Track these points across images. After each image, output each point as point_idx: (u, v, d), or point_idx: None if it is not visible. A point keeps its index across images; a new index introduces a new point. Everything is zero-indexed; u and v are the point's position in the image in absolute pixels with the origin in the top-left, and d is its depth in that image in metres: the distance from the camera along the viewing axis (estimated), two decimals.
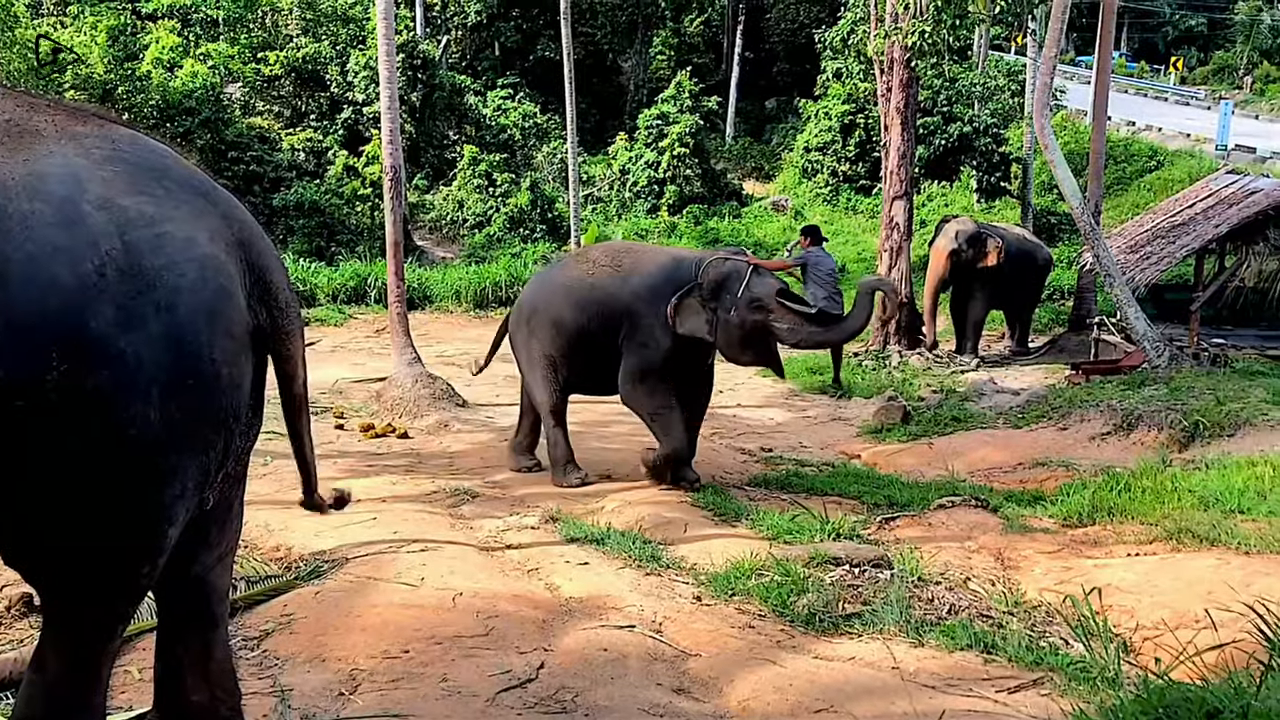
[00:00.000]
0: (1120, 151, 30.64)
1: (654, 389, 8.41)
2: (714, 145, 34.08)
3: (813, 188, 30.69)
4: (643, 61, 38.84)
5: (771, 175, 34.50)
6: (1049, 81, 14.75)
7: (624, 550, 6.38)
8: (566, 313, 8.65)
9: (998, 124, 28.60)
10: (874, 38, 16.41)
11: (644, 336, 8.37)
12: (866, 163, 29.23)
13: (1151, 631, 5.22)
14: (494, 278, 18.81)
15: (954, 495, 8.23)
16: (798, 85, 36.87)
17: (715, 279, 8.22)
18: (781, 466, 10.00)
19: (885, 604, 5.40)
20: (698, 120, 30.01)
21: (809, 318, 8.30)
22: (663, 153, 29.32)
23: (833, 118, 30.27)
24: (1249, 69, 44.85)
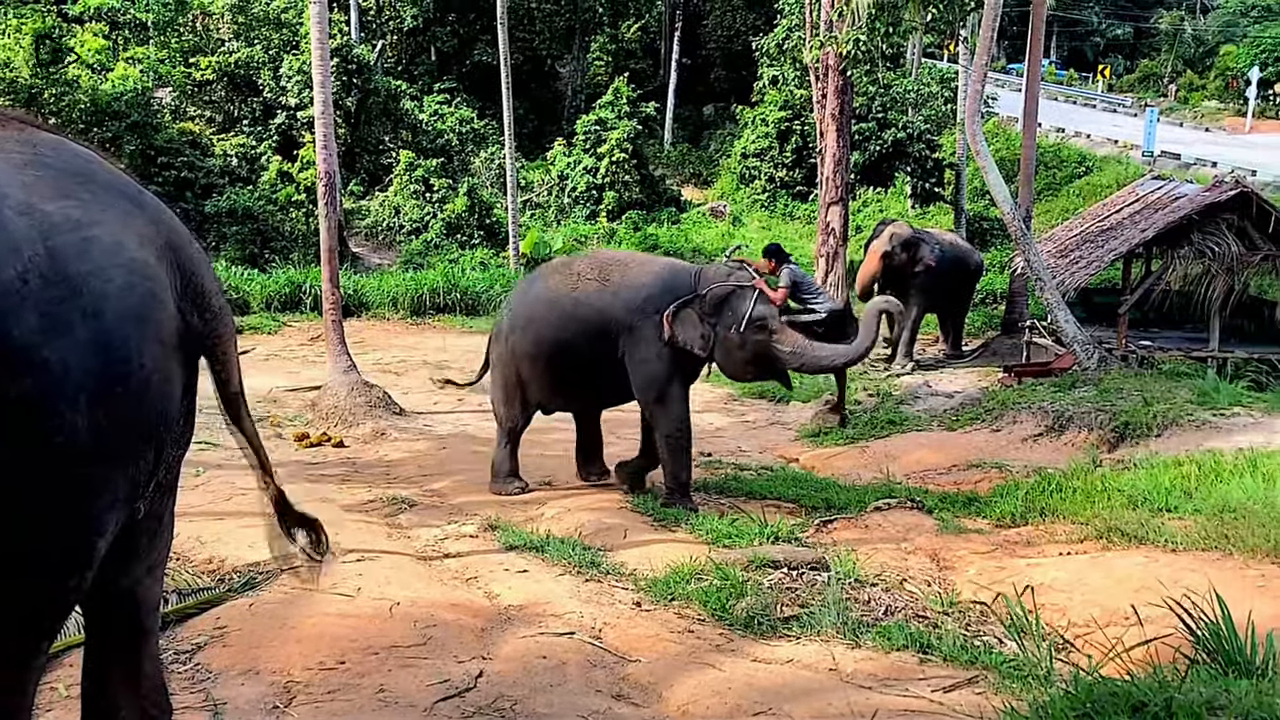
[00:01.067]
0: (1050, 157, 31.23)
1: (671, 407, 8.13)
2: (652, 151, 34.17)
3: (750, 194, 30.89)
4: (580, 67, 38.84)
5: (709, 181, 34.66)
6: (980, 89, 15.00)
7: (563, 557, 6.37)
8: (547, 329, 8.29)
9: (931, 130, 29.02)
10: (809, 45, 16.57)
11: (645, 351, 8.06)
12: (803, 169, 29.50)
13: (1083, 629, 5.32)
14: (431, 284, 18.66)
15: (890, 497, 8.33)
16: (735, 92, 37.10)
17: (719, 296, 7.98)
18: (721, 471, 10.04)
19: (823, 606, 5.45)
20: (636, 126, 30.06)
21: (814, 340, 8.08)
22: (601, 158, 29.33)
23: (769, 124, 30.51)
24: (1173, 77, 45.99)
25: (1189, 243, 14.77)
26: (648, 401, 8.18)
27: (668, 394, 8.08)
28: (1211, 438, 9.47)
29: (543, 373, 8.41)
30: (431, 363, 14.75)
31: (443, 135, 30.68)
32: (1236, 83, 40.79)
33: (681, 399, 8.17)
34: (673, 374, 8.06)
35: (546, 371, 8.39)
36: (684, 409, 8.18)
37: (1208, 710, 3.16)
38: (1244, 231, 14.59)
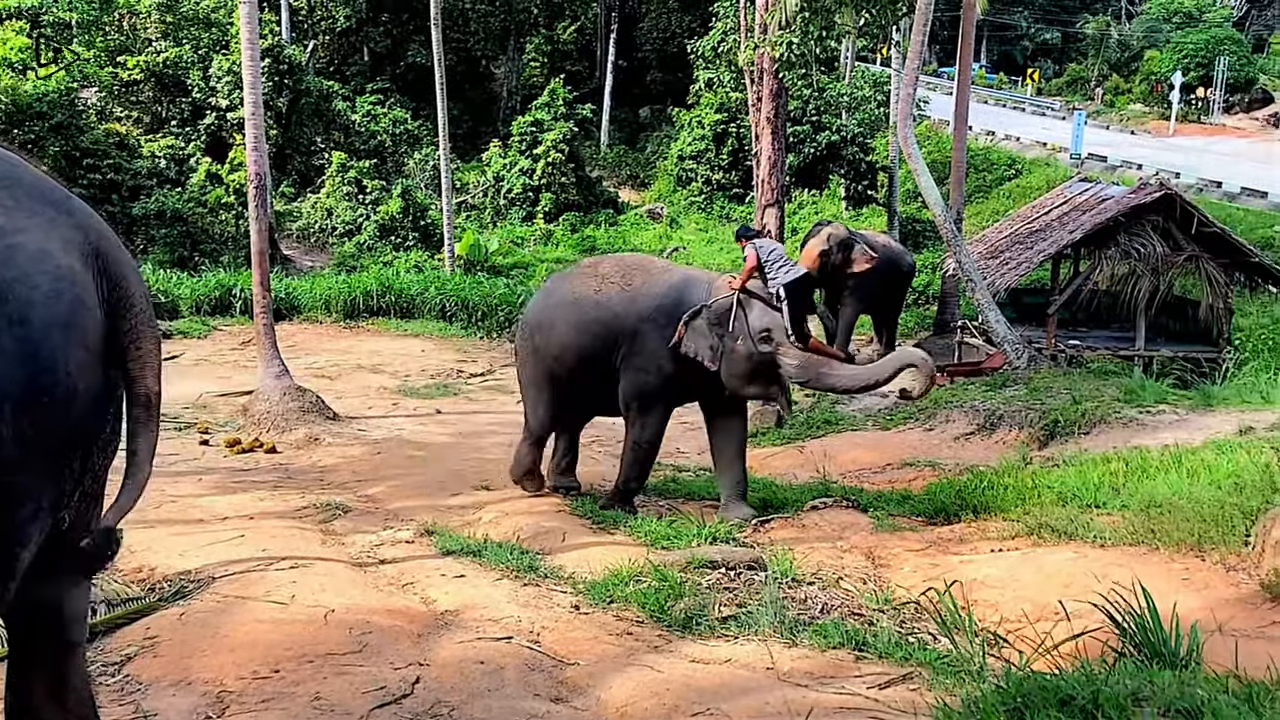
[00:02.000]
0: (981, 160, 31.73)
1: (647, 420, 8.03)
2: (589, 153, 34.17)
3: (687, 195, 31.01)
4: (516, 68, 38.71)
5: (647, 183, 34.74)
6: (912, 92, 15.20)
7: (501, 561, 6.34)
8: (570, 331, 8.13)
9: (865, 133, 29.35)
10: (744, 48, 16.65)
11: (644, 361, 7.91)
12: (739, 171, 29.67)
13: (1015, 624, 5.40)
14: (364, 287, 18.46)
15: (826, 496, 8.40)
16: (671, 94, 37.22)
17: (725, 306, 7.78)
18: (660, 473, 10.03)
19: (760, 606, 5.48)
20: (572, 128, 30.05)
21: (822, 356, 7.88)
22: (537, 160, 29.27)
23: (706, 126, 30.65)
24: (1100, 81, 46.93)
25: (1115, 244, 15.09)
26: (629, 406, 8.06)
27: (652, 407, 8.01)
28: (1138, 435, 9.68)
29: (567, 376, 8.22)
30: (365, 366, 14.62)
31: (376, 136, 30.44)
32: (1160, 87, 41.73)
33: (662, 417, 8.11)
34: (664, 390, 7.96)
35: (570, 375, 8.21)
36: (661, 426, 8.12)
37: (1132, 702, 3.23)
38: (1168, 232, 14.94)
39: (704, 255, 26.23)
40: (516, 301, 17.83)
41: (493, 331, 17.35)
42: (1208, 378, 14.02)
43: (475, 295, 18.09)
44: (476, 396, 13.58)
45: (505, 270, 24.30)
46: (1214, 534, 5.91)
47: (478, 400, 13.38)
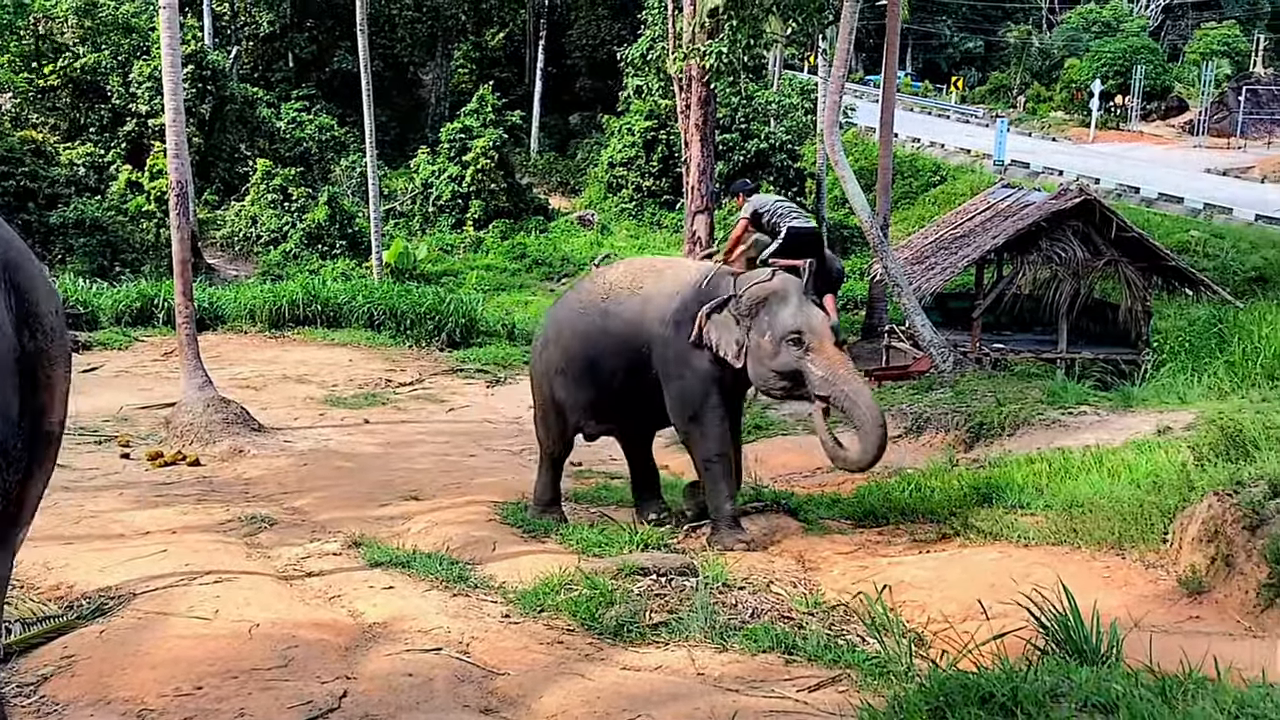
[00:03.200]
0: (907, 167, 32.20)
1: (708, 428, 7.32)
2: (519, 159, 34.08)
3: (618, 202, 31.06)
4: (444, 74, 38.49)
5: (577, 190, 34.73)
6: (838, 100, 15.37)
7: (430, 572, 6.27)
8: (575, 342, 7.68)
9: (793, 141, 29.63)
10: (673, 56, 16.71)
11: (677, 366, 7.30)
12: (670, 177, 29.77)
13: (941, 624, 5.47)
14: (290, 296, 18.17)
15: (757, 501, 8.42)
16: (601, 101, 37.28)
17: (757, 297, 7.13)
18: (592, 480, 10.04)
19: (691, 611, 5.49)
20: (502, 134, 29.95)
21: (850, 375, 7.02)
22: (467, 167, 29.12)
23: (636, 133, 30.72)
24: (1022, 89, 47.89)
25: (1037, 248, 15.40)
26: (681, 422, 7.45)
27: (704, 414, 7.30)
28: (1060, 436, 9.87)
29: (575, 391, 7.75)
30: (291, 377, 14.40)
31: (302, 143, 30.08)
32: (1080, 94, 42.69)
33: (720, 419, 7.33)
34: (709, 390, 7.29)
35: (579, 389, 7.73)
36: (723, 429, 7.36)
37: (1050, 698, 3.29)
38: (1088, 237, 15.27)
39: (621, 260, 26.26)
40: (446, 309, 17.69)
41: (421, 340, 17.18)
42: (1127, 379, 14.34)
43: (404, 304, 17.91)
44: (405, 406, 13.45)
45: (434, 278, 24.11)
46: (1133, 532, 6.04)
47: (406, 410, 13.25)
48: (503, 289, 25.17)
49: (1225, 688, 3.51)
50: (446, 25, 37.72)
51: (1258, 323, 12.47)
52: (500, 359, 16.49)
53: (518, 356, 16.73)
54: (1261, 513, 5.35)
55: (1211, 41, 45.60)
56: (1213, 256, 22.19)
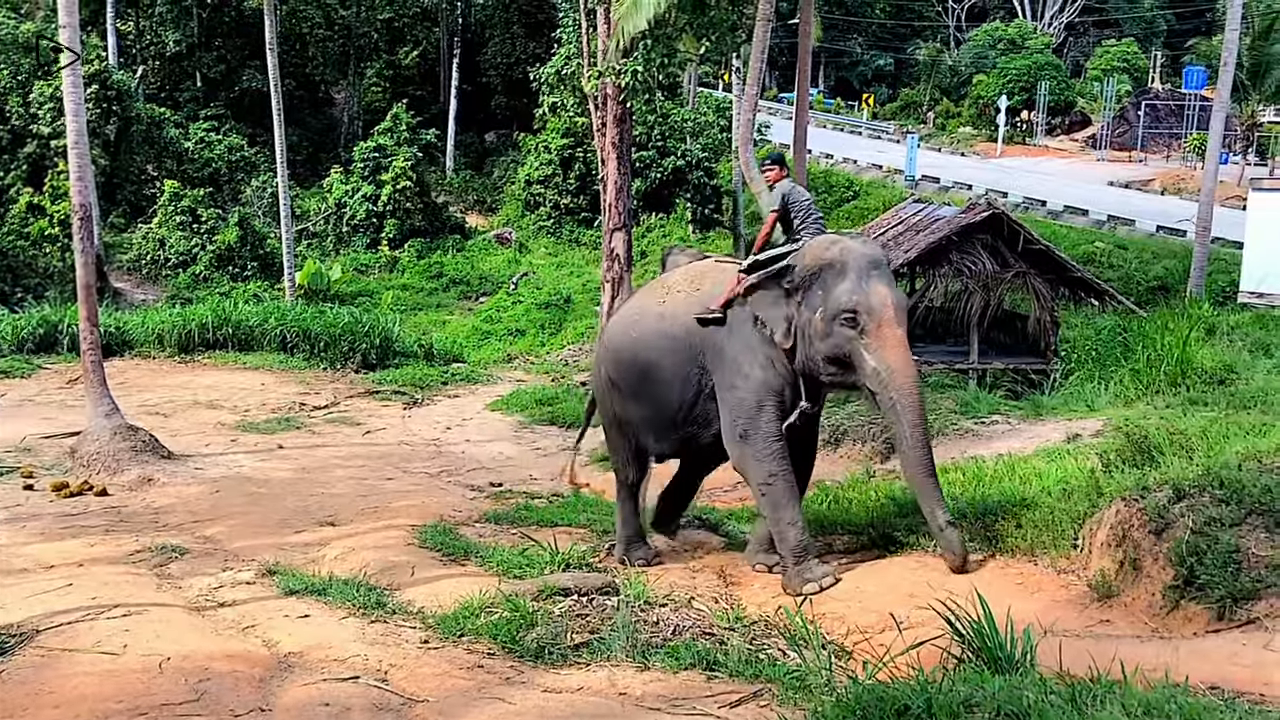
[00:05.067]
0: (821, 182, 32.58)
1: (761, 448, 6.46)
2: (434, 178, 33.88)
3: (536, 220, 31.01)
4: (356, 93, 38.15)
5: (494, 208, 34.62)
6: (751, 117, 15.54)
7: (347, 599, 6.16)
8: (631, 349, 7.03)
9: (709, 158, 29.85)
10: (588, 74, 16.73)
11: (728, 374, 6.57)
12: (587, 195, 29.80)
13: (861, 636, 5.51)
14: (200, 319, 17.75)
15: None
16: (517, 118, 37.24)
17: (810, 269, 6.29)
18: (512, 501, 9.96)
19: (613, 631, 5.46)
20: (417, 153, 29.76)
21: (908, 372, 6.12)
22: (382, 186, 28.86)
23: (552, 151, 30.72)
24: (931, 105, 48.87)
25: (948, 261, 15.66)
26: (731, 440, 6.63)
27: (755, 429, 6.48)
28: (974, 445, 10.04)
29: (633, 406, 7.11)
30: (202, 402, 14.08)
31: (211, 163, 29.59)
32: (988, 110, 43.67)
33: (774, 436, 6.47)
34: (763, 403, 6.48)
35: (636, 404, 7.09)
36: (779, 449, 6.48)
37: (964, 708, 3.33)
38: (997, 250, 15.57)
39: (554, 280, 26.24)
40: (361, 331, 17.44)
41: (336, 362, 16.92)
42: (1037, 388, 14.64)
43: (318, 325, 17.61)
44: (320, 430, 13.22)
45: (349, 299, 23.80)
46: (1045, 539, 6.15)
47: (321, 434, 13.03)
48: (420, 309, 24.96)
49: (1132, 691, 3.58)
50: (359, 44, 37.40)
51: (1160, 331, 12.81)
52: (417, 380, 16.29)
53: (435, 377, 16.57)
54: (1166, 517, 5.48)
55: (1112, 59, 47.06)
56: (1117, 267, 22.79)
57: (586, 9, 16.84)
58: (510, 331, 22.87)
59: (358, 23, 36.94)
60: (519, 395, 15.58)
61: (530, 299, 24.64)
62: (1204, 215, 18.49)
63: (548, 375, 18.14)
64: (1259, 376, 11.51)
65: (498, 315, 23.92)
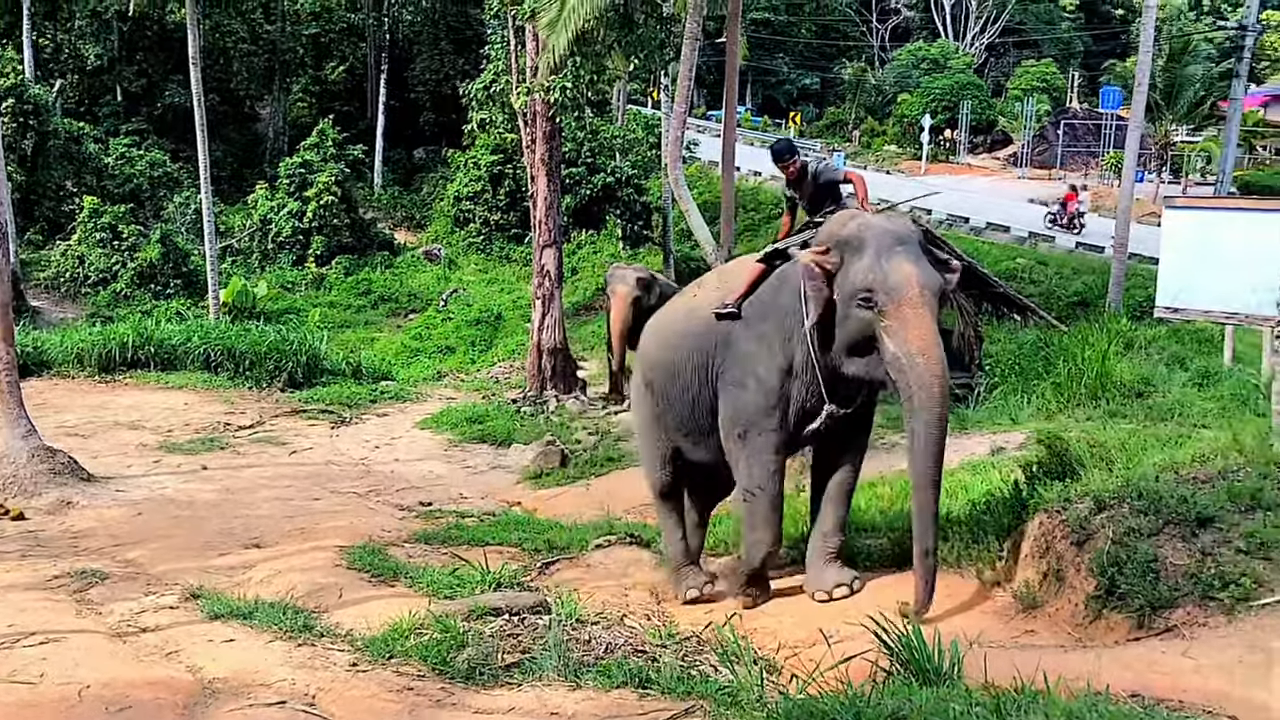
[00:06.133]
0: (750, 200, 32.86)
1: (758, 456, 6.04)
2: (362, 194, 33.60)
3: (465, 236, 30.86)
4: (282, 108, 37.72)
5: (423, 224, 34.40)
6: (680, 135, 15.63)
7: (274, 622, 6.05)
8: (659, 349, 6.72)
9: (639, 175, 29.99)
10: (517, 91, 16.74)
11: (737, 372, 6.09)
12: (517, 211, 29.75)
13: (793, 650, 5.54)
14: (121, 338, 17.36)
15: (611, 535, 8.43)
16: (445, 134, 37.08)
17: (830, 242, 5.76)
18: (442, 520, 9.87)
19: (544, 650, 5.43)
20: (344, 169, 29.48)
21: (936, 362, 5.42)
22: (308, 202, 28.55)
23: (482, 168, 30.62)
24: (857, 124, 49.61)
25: None
26: (729, 435, 6.17)
27: (756, 434, 6.03)
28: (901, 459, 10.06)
29: (662, 406, 6.70)
30: (123, 423, 13.76)
31: (132, 179, 29.06)
32: (912, 129, 44.42)
33: (774, 447, 6.02)
34: (772, 408, 5.97)
35: (664, 404, 6.68)
36: (776, 463, 6.06)
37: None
38: None
39: (484, 296, 26.12)
40: (287, 349, 17.18)
41: (262, 381, 16.65)
42: (962, 402, 14.86)
43: (243, 344, 17.32)
44: (245, 450, 12.99)
45: (275, 316, 23.48)
46: (971, 551, 6.24)
47: (246, 454, 12.80)
48: (347, 326, 24.70)
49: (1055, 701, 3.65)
50: (284, 59, 37.02)
51: (1080, 345, 13.08)
52: (345, 398, 16.10)
53: (363, 395, 16.39)
54: (1088, 528, 5.59)
55: (1031, 79, 48.18)
56: (1038, 283, 23.29)
57: (515, 26, 16.87)
58: (440, 349, 22.72)
59: (283, 38, 36.56)
60: (449, 413, 15.47)
61: (460, 316, 24.50)
62: (1121, 232, 19.00)
63: (478, 393, 18.05)
64: (1175, 389, 11.80)
65: (427, 332, 23.75)
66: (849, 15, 56.43)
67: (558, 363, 17.06)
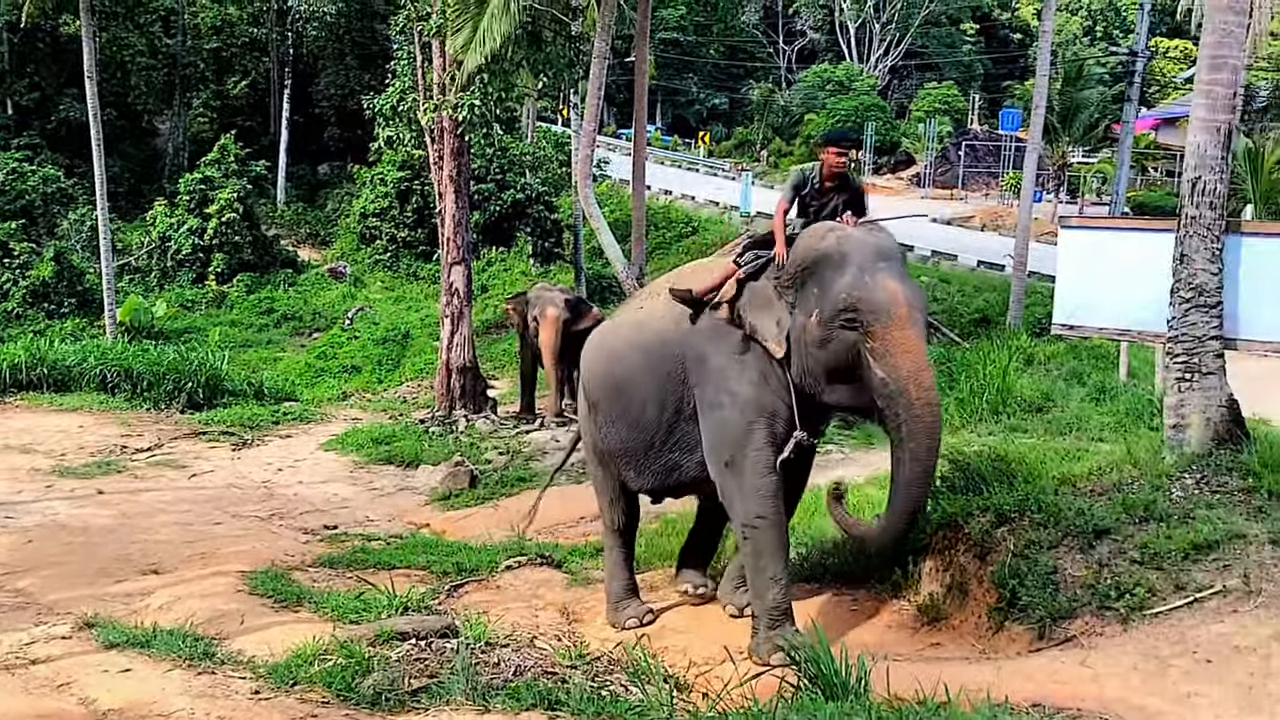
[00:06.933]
0: (660, 218, 33.01)
1: (751, 482, 5.46)
2: (265, 211, 32.98)
3: (372, 254, 30.46)
4: (182, 123, 36.89)
5: (328, 241, 33.88)
6: (589, 153, 15.66)
7: (172, 650, 5.88)
8: (604, 363, 6.21)
9: (549, 192, 29.92)
10: (424, 108, 16.59)
11: (715, 389, 5.55)
12: (425, 228, 29.43)
13: (704, 667, 5.55)
14: (12, 359, 16.74)
15: (521, 555, 8.38)
16: (351, 150, 36.62)
17: (802, 261, 5.30)
18: (347, 543, 9.71)
19: (452, 674, 5.36)
20: (246, 185, 28.91)
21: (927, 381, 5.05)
22: (209, 219, 27.92)
23: (389, 184, 30.28)
24: (765, 144, 50.17)
25: None
26: (715, 467, 5.65)
27: (744, 457, 5.48)
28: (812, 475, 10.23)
29: (610, 432, 6.18)
30: (14, 447, 13.27)
31: (24, 195, 28.14)
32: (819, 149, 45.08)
33: (766, 468, 5.45)
34: (754, 425, 5.45)
35: (612, 429, 6.16)
36: (770, 483, 5.47)
37: None
38: None
39: (391, 315, 25.78)
40: (187, 369, 16.72)
41: (160, 402, 16.18)
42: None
43: (140, 364, 16.81)
44: (143, 473, 12.62)
45: (174, 336, 22.87)
46: (876, 565, 6.32)
47: (144, 478, 12.43)
48: (250, 346, 24.15)
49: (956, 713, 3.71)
50: (184, 73, 36.23)
51: (982, 361, 13.38)
52: (247, 420, 15.71)
53: (266, 416, 16.02)
54: (989, 541, 5.71)
55: (933, 100, 49.28)
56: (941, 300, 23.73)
57: (421, 42, 16.73)
58: (345, 368, 22.32)
59: (183, 51, 35.78)
60: (355, 434, 15.22)
61: (366, 335, 24.14)
62: (1020, 251, 19.51)
63: (385, 413, 17.78)
64: (1073, 404, 12.14)
65: (332, 352, 23.33)
66: (756, 37, 57.16)
67: (467, 382, 16.88)
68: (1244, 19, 6.58)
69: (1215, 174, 6.14)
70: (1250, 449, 5.83)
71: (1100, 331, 7.51)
